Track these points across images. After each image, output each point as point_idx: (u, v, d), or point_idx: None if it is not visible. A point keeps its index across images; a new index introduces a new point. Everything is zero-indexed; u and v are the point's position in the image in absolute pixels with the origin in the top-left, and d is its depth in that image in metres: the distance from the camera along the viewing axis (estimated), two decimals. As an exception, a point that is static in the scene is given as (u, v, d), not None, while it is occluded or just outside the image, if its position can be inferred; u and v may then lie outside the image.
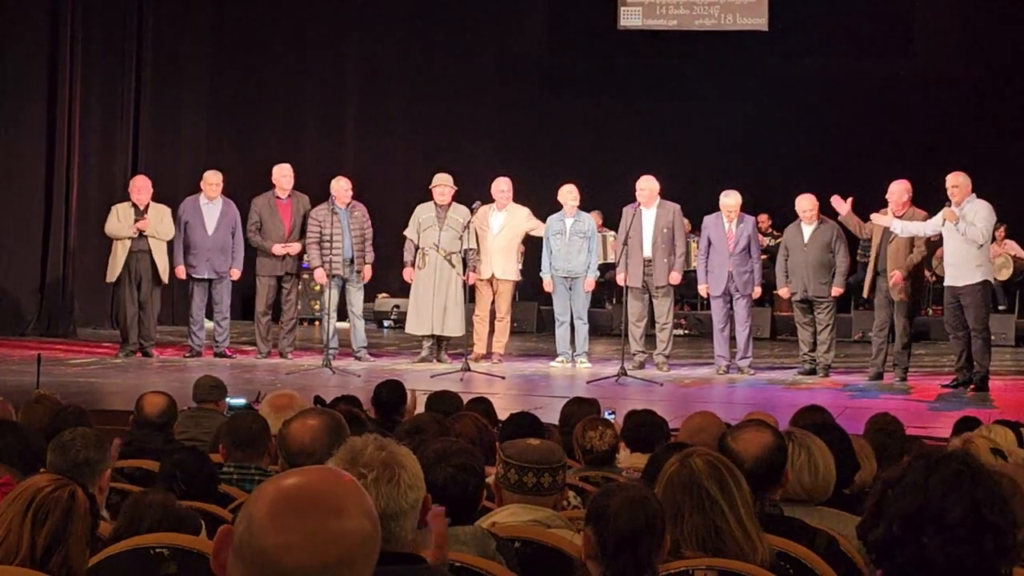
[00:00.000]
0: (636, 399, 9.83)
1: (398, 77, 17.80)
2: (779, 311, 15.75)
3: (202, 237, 12.98)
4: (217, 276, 13.07)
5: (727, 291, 12.49)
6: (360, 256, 12.79)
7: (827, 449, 4.48)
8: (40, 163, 15.43)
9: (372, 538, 2.06)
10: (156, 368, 12.39)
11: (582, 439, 5.83)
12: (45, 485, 3.26)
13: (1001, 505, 2.77)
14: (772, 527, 3.78)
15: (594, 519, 3.37)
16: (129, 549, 3.47)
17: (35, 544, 3.17)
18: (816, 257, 12.25)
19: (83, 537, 3.25)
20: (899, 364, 11.95)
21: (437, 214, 12.67)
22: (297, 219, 13.06)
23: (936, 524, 2.69)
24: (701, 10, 17.19)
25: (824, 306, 12.32)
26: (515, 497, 4.20)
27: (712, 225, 12.56)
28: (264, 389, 9.49)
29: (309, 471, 2.10)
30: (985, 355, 11.36)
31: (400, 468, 2.92)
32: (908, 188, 11.71)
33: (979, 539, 2.72)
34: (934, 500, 2.71)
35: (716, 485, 3.56)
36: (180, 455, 4.93)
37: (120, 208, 12.91)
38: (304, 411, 4.88)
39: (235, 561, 2.01)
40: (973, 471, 2.78)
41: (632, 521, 3.30)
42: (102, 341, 14.35)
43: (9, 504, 3.23)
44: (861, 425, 6.90)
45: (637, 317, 12.74)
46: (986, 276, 11.33)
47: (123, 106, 16.47)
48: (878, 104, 16.63)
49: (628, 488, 3.53)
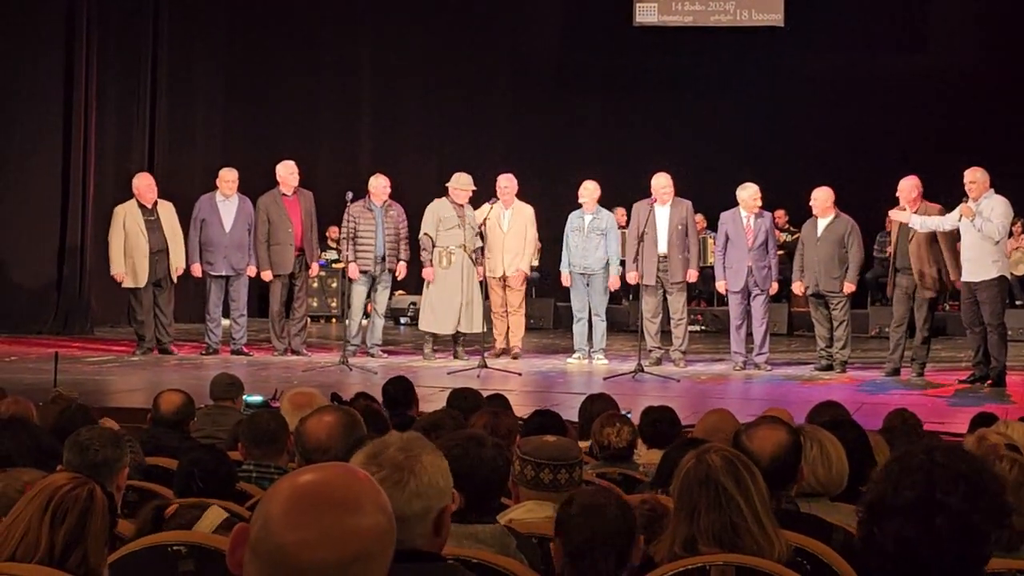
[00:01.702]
0: (653, 396, 9.81)
1: (412, 75, 17.82)
2: (796, 307, 15.74)
3: (219, 234, 12.99)
4: (235, 273, 13.10)
5: (746, 287, 12.46)
6: (392, 255, 12.81)
7: (839, 443, 4.49)
8: (56, 163, 15.49)
9: (388, 534, 2.06)
10: (173, 366, 12.41)
11: (600, 435, 5.83)
12: (63, 484, 3.26)
13: (964, 488, 2.72)
14: (789, 523, 3.78)
15: (557, 527, 3.37)
16: (147, 547, 3.48)
17: (54, 543, 3.17)
18: (828, 251, 12.20)
19: (102, 535, 3.25)
20: (917, 359, 11.93)
21: (458, 213, 12.67)
22: (306, 216, 13.10)
23: (889, 510, 2.68)
24: (717, 6, 17.18)
25: (837, 301, 12.27)
26: (532, 494, 4.21)
27: (730, 221, 12.52)
28: (281, 386, 9.52)
29: (325, 468, 2.09)
30: (1002, 350, 11.33)
31: (411, 475, 2.87)
32: (917, 184, 11.70)
33: (930, 520, 2.68)
34: (888, 488, 2.70)
35: (732, 481, 3.55)
36: (198, 453, 4.94)
37: (126, 211, 12.93)
38: (320, 408, 4.89)
39: (252, 558, 2.01)
40: (938, 458, 2.74)
41: (586, 530, 3.30)
42: (119, 339, 14.40)
43: (27, 503, 3.23)
44: (878, 421, 6.90)
45: (652, 313, 12.74)
46: (1002, 272, 11.31)
47: (138, 106, 16.54)
48: (894, 99, 16.61)
49: (588, 495, 3.52)
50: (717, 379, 12.09)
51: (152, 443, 6.04)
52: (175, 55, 16.82)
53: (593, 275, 12.85)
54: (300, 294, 13.27)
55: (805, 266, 12.35)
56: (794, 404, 7.52)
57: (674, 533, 3.57)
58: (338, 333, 14.71)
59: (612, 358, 12.94)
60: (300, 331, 13.28)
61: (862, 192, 12.86)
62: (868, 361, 13.11)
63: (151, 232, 12.90)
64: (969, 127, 15.88)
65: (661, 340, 12.76)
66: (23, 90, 15.27)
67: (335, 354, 12.71)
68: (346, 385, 9.76)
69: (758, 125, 16.66)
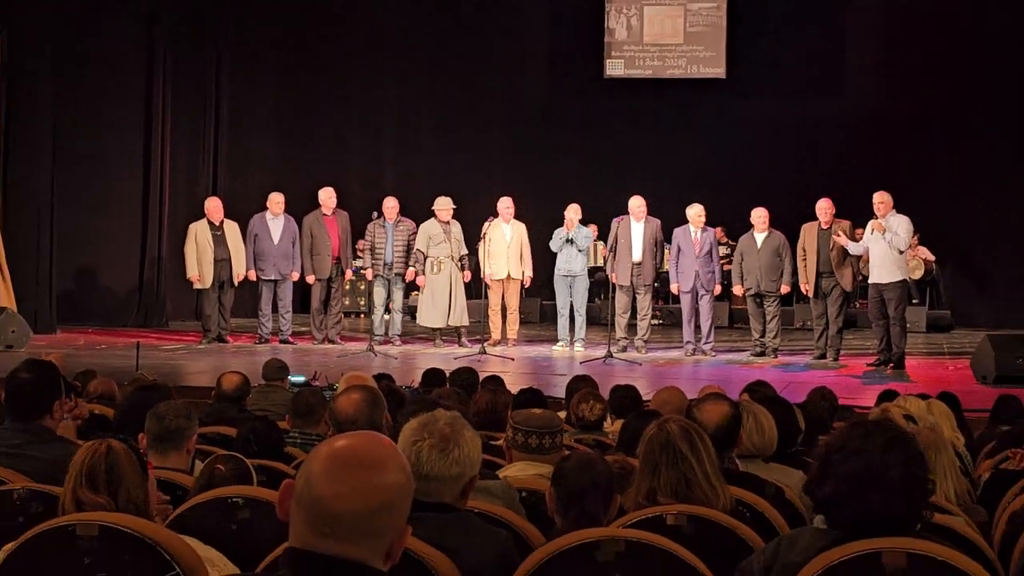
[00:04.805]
0: (620, 376, 9.82)
1: (426, 114, 17.78)
2: (735, 304, 15.73)
3: (269, 246, 13.01)
4: (281, 277, 13.11)
5: (694, 288, 12.50)
6: (401, 262, 12.79)
7: (770, 415, 4.50)
8: (138, 188, 15.48)
9: (406, 488, 2.06)
10: (231, 352, 12.41)
11: (576, 410, 5.84)
12: (83, 454, 3.26)
13: (923, 462, 2.78)
14: (731, 480, 3.78)
15: (554, 478, 3.38)
16: (211, 499, 3.47)
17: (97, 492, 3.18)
18: (767, 260, 12.24)
19: (133, 474, 3.22)
20: (833, 346, 11.95)
21: (444, 231, 12.71)
22: (342, 232, 13.14)
23: (879, 483, 2.70)
24: (671, 61, 17.19)
25: (772, 300, 12.32)
26: (521, 456, 4.21)
27: (681, 235, 12.58)
28: (319, 369, 9.52)
29: (356, 435, 2.09)
30: (902, 339, 11.37)
31: (455, 446, 2.92)
32: (831, 204, 11.85)
33: (911, 493, 2.73)
34: (875, 462, 2.71)
35: (687, 445, 3.56)
36: (254, 423, 4.94)
37: (198, 228, 12.96)
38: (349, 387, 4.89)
39: (296, 508, 2.02)
40: (902, 436, 2.79)
41: (580, 480, 3.29)
42: (188, 331, 14.38)
43: (71, 471, 3.24)
44: (802, 396, 6.90)
45: (623, 309, 12.75)
46: (905, 276, 11.40)
47: (204, 139, 16.53)
48: (815, 136, 16.57)
49: (581, 454, 3.53)
50: (672, 363, 12.09)
51: (216, 415, 6.03)
52: (233, 97, 16.80)
53: (575, 278, 12.87)
54: (336, 294, 13.30)
55: (746, 271, 12.35)
56: (734, 383, 7.52)
57: (639, 487, 3.58)
58: (366, 326, 14.71)
59: (587, 346, 12.94)
60: (335, 324, 13.29)
61: (789, 212, 12.84)
62: (794, 349, 13.11)
63: (217, 245, 12.93)
64: (876, 158, 15.86)
65: (627, 332, 12.77)
66: (112, 128, 15.25)
67: (363, 343, 12.72)
68: (370, 368, 9.76)
69: (704, 157, 16.62)
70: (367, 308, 15.69)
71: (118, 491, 3.19)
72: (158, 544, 2.84)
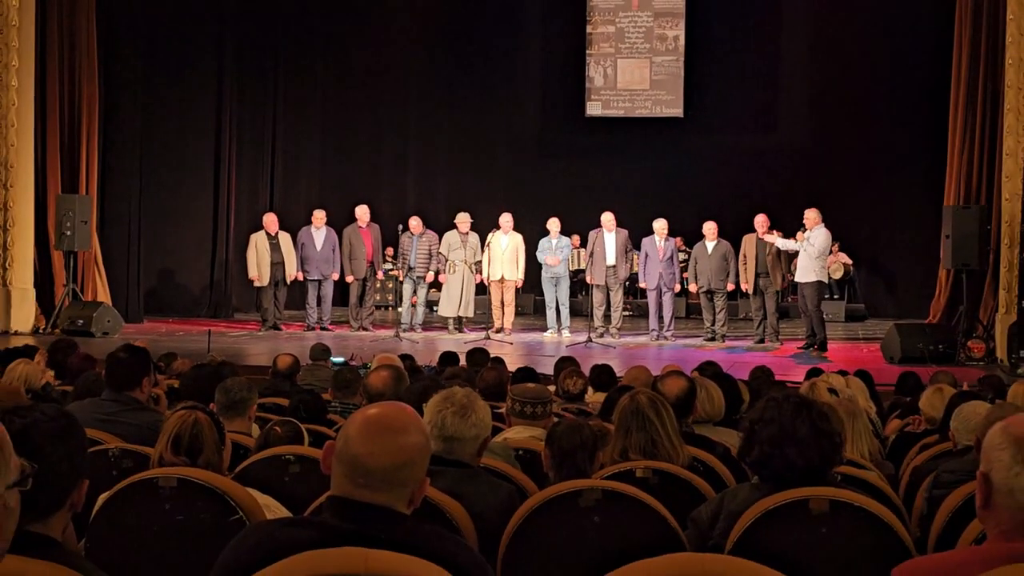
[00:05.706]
0: (598, 357, 9.80)
1: (441, 145, 17.73)
2: (691, 300, 15.71)
3: (313, 253, 13.01)
4: (323, 278, 13.09)
5: (659, 286, 12.51)
6: (423, 266, 12.77)
7: (719, 388, 4.50)
8: (209, 204, 15.46)
9: (425, 447, 2.07)
10: (284, 338, 12.39)
11: (562, 384, 5.84)
12: (176, 416, 3.23)
13: (828, 420, 2.81)
14: (688, 441, 3.79)
15: (548, 440, 3.38)
16: (267, 456, 3.48)
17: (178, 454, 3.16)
18: (716, 263, 12.27)
19: (212, 441, 3.20)
20: (774, 330, 12.03)
21: (461, 239, 12.71)
22: (374, 241, 13.13)
23: (792, 440, 2.72)
24: (640, 103, 17.15)
25: (720, 295, 12.34)
26: (519, 421, 4.21)
27: (648, 243, 12.58)
28: (355, 351, 9.51)
29: (385, 405, 2.12)
30: (821, 327, 11.42)
31: (472, 411, 2.95)
32: (766, 219, 12.02)
33: (820, 444, 2.75)
34: (788, 425, 2.74)
35: (653, 412, 3.56)
36: (303, 395, 4.94)
37: (258, 237, 12.96)
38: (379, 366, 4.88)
39: (336, 464, 2.03)
40: (806, 402, 2.83)
41: (570, 440, 3.29)
42: (249, 321, 14.36)
43: (162, 435, 3.22)
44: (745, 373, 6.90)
45: (599, 304, 12.74)
46: (820, 277, 11.45)
47: (263, 165, 16.47)
48: (756, 164, 16.55)
49: (570, 421, 3.52)
50: (640, 347, 12.08)
51: (272, 389, 6.03)
52: (286, 132, 16.73)
53: (560, 278, 12.87)
54: (369, 291, 13.30)
55: (699, 273, 12.41)
56: (690, 363, 7.51)
57: (614, 446, 3.58)
58: (394, 317, 14.69)
59: (572, 333, 12.92)
60: (369, 316, 13.27)
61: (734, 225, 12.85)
62: (738, 335, 13.09)
63: (273, 251, 12.93)
64: (804, 182, 15.83)
65: (603, 322, 12.76)
66: (188, 158, 15.25)
67: (391, 331, 12.71)
68: (397, 350, 9.75)
69: (666, 181, 16.57)
70: (395, 302, 15.68)
71: (199, 454, 3.18)
72: (225, 493, 2.85)
